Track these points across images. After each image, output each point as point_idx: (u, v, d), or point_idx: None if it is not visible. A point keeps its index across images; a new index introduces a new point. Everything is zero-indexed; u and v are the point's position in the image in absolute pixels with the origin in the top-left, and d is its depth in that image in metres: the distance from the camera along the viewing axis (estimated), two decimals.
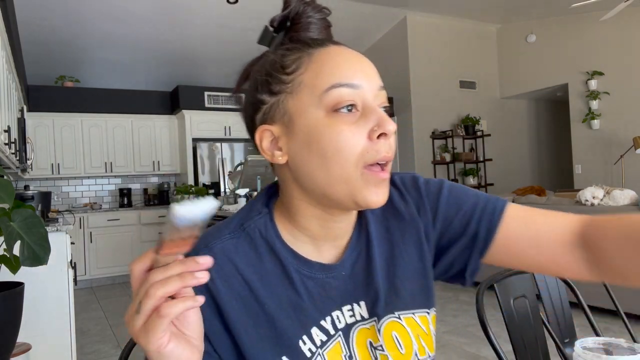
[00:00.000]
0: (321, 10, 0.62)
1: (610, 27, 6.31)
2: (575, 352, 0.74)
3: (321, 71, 0.55)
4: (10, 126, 2.94)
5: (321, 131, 0.54)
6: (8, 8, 2.79)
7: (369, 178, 0.54)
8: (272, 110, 0.57)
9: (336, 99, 0.54)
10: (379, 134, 0.54)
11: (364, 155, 0.54)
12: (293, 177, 0.58)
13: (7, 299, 1.73)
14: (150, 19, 5.86)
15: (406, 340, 0.62)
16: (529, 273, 1.34)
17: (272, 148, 0.58)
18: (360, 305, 0.62)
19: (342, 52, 0.58)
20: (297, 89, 0.56)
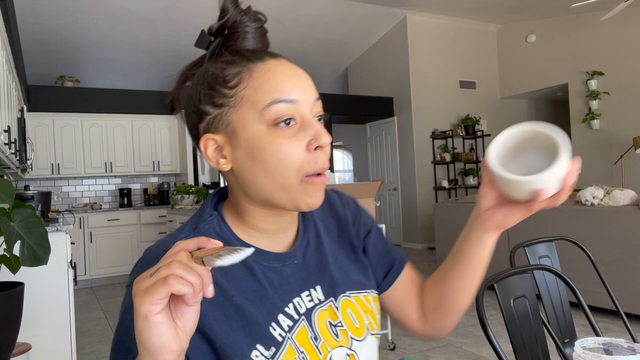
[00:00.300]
0: (257, 19, 0.65)
1: (610, 27, 6.31)
2: (575, 352, 0.74)
3: (261, 87, 0.59)
4: (10, 126, 2.94)
5: (263, 144, 0.59)
6: (8, 8, 2.79)
7: (308, 185, 0.60)
8: (215, 121, 0.61)
9: (276, 114, 0.58)
10: (315, 146, 0.59)
11: (303, 166, 0.59)
12: (238, 182, 0.63)
13: (7, 299, 1.73)
14: (150, 19, 5.86)
15: (358, 316, 0.69)
16: (529, 273, 1.34)
17: (217, 156, 0.63)
18: (317, 290, 0.67)
19: (280, 68, 0.61)
20: (239, 104, 0.60)
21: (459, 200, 4.77)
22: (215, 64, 0.62)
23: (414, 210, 7.13)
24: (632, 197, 3.38)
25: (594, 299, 3.15)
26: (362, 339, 0.68)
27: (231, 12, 0.62)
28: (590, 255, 1.64)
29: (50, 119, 5.76)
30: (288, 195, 0.60)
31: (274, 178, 0.59)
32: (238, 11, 0.63)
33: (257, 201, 0.63)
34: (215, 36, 0.65)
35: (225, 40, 0.64)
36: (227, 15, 0.62)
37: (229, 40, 0.64)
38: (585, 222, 3.51)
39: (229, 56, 0.62)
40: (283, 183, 0.59)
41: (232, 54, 0.62)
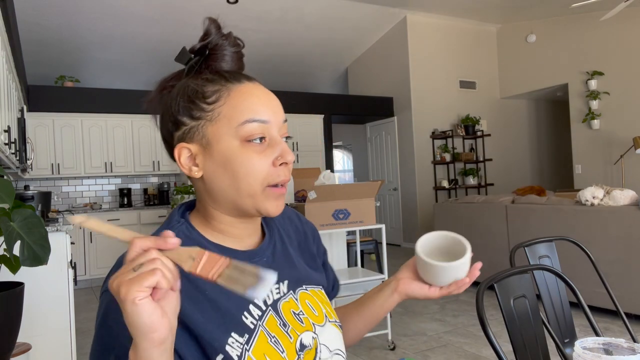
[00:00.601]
0: (237, 44, 0.73)
1: (610, 27, 6.31)
2: (575, 352, 0.74)
3: (237, 106, 0.67)
4: (10, 126, 2.94)
5: (235, 157, 0.67)
6: (8, 8, 2.79)
7: (270, 194, 0.69)
8: (191, 132, 0.69)
9: (249, 131, 0.66)
10: (280, 162, 0.68)
11: (267, 178, 0.68)
12: (206, 189, 0.70)
13: (7, 299, 1.73)
14: (150, 19, 5.86)
15: (316, 306, 0.77)
16: (529, 273, 1.34)
17: (189, 164, 0.70)
18: (284, 284, 0.75)
19: (254, 91, 0.69)
20: (216, 118, 0.67)
21: (459, 200, 4.77)
22: (196, 80, 0.69)
23: (414, 210, 7.13)
24: (632, 197, 3.38)
25: (594, 299, 3.15)
26: (323, 325, 0.76)
27: (213, 35, 0.71)
28: (590, 255, 1.64)
29: (50, 119, 5.76)
30: (252, 202, 0.68)
31: (241, 186, 0.67)
32: (220, 35, 0.71)
33: (224, 207, 0.70)
34: (195, 54, 0.72)
35: (204, 60, 0.71)
36: (209, 37, 0.71)
37: (209, 59, 0.71)
38: (585, 222, 3.51)
39: (209, 75, 0.70)
40: (249, 191, 0.67)
41: (212, 73, 0.70)
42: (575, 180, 6.97)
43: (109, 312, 0.59)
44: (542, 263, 1.64)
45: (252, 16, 6.20)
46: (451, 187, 7.18)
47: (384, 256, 3.28)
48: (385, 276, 3.24)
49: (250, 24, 6.37)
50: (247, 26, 6.41)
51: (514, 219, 4.08)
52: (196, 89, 0.68)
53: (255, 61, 8.04)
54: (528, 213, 3.97)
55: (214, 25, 0.72)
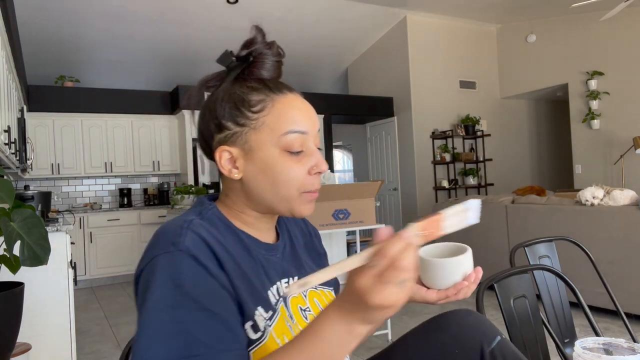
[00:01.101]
0: (278, 54, 0.77)
1: (610, 27, 6.31)
2: (575, 352, 0.74)
3: (280, 117, 0.72)
4: (10, 126, 2.94)
5: (276, 164, 0.72)
6: (8, 8, 2.79)
7: (305, 199, 0.75)
8: (234, 136, 0.73)
9: (290, 142, 0.72)
10: (315, 172, 0.74)
11: (303, 185, 0.74)
12: (243, 190, 0.76)
13: (7, 299, 1.73)
14: (150, 19, 5.86)
15: (324, 305, 0.78)
16: (529, 273, 1.34)
17: (229, 165, 0.75)
18: (294, 279, 0.80)
19: (296, 103, 0.75)
20: (259, 127, 0.72)
21: (458, 200, 4.77)
22: (241, 87, 0.74)
23: (414, 211, 7.12)
24: (632, 197, 3.38)
25: (594, 299, 3.14)
26: None
27: (259, 44, 0.76)
28: (590, 255, 1.64)
29: (50, 119, 5.76)
30: (288, 205, 0.75)
31: (279, 191, 0.73)
32: (264, 44, 0.76)
33: (258, 206, 0.76)
34: (239, 60, 0.77)
35: (247, 65, 0.76)
36: (255, 45, 0.76)
37: (251, 66, 0.76)
38: (585, 222, 3.51)
39: (254, 83, 0.75)
40: (286, 196, 0.74)
41: (256, 81, 0.75)
42: (575, 180, 6.97)
43: (181, 272, 0.62)
44: (542, 263, 1.64)
45: (252, 16, 6.19)
46: (451, 187, 7.18)
47: None
48: None
49: (250, 24, 6.37)
50: (247, 26, 6.39)
51: (514, 219, 4.08)
52: (242, 97, 0.73)
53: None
54: (528, 213, 3.97)
55: (260, 34, 0.76)
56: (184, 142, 6.22)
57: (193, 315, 0.60)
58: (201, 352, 0.58)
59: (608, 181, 6.44)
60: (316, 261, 0.90)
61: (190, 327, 0.59)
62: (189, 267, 0.63)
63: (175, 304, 0.60)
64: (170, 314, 0.60)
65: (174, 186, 6.41)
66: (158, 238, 0.67)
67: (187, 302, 0.61)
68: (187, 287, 0.62)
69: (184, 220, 0.69)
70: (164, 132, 6.42)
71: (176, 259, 0.63)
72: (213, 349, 0.59)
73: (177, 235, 0.66)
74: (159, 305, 0.61)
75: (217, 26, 6.27)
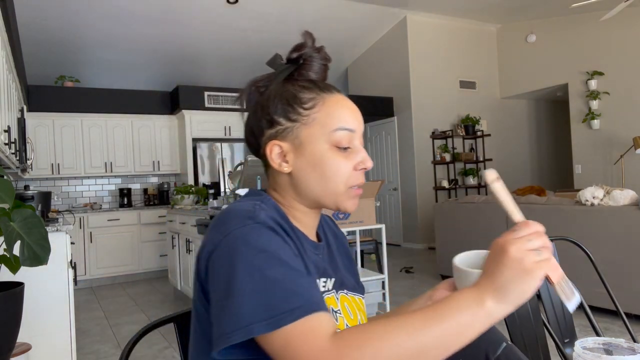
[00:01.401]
0: (326, 58, 0.83)
1: (610, 27, 6.31)
2: (575, 352, 0.74)
3: (331, 114, 0.77)
4: (10, 126, 2.94)
5: (325, 159, 0.76)
6: (8, 8, 2.79)
7: (351, 194, 0.79)
8: (285, 131, 0.77)
9: (339, 138, 0.76)
10: (361, 167, 0.78)
11: (349, 180, 0.78)
12: (291, 183, 0.79)
13: (7, 299, 1.73)
14: (150, 19, 5.86)
15: (353, 311, 0.83)
16: None
17: (279, 159, 0.78)
18: (330, 280, 0.82)
19: (345, 102, 0.79)
20: (310, 123, 0.77)
21: (459, 200, 4.77)
22: (293, 86, 0.79)
23: (414, 210, 7.12)
24: (632, 197, 3.38)
25: (594, 299, 3.14)
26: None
27: (309, 48, 0.81)
28: (590, 255, 1.64)
29: (50, 119, 5.76)
30: (335, 199, 0.78)
31: (328, 185, 0.77)
32: (314, 48, 0.81)
33: (305, 199, 0.80)
34: (289, 62, 0.82)
35: (296, 68, 0.81)
36: (305, 49, 0.81)
37: (300, 68, 0.81)
38: (585, 222, 3.51)
39: (305, 83, 0.79)
40: (334, 190, 0.77)
41: (307, 81, 0.80)
42: (575, 180, 6.97)
43: (264, 239, 0.67)
44: None
45: (252, 16, 6.20)
46: (451, 187, 7.18)
47: (384, 256, 3.28)
48: (385, 276, 3.24)
49: (250, 24, 6.37)
50: (247, 26, 6.41)
51: None
52: (294, 94, 0.78)
53: (255, 61, 8.03)
54: (528, 213, 3.94)
55: (310, 39, 0.81)
56: (184, 142, 6.22)
57: (284, 273, 0.63)
58: (300, 303, 0.61)
59: (608, 181, 6.44)
60: (349, 267, 0.93)
61: (284, 283, 0.62)
62: (269, 236, 0.67)
63: (263, 265, 0.63)
64: (261, 275, 0.62)
65: (174, 186, 6.41)
66: (229, 217, 0.70)
67: (275, 261, 0.64)
68: (272, 250, 0.65)
69: (252, 203, 0.73)
70: (164, 132, 6.42)
71: (255, 229, 0.67)
72: (309, 301, 0.62)
73: (251, 212, 0.70)
74: (248, 269, 0.63)
75: (217, 26, 6.27)
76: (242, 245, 0.65)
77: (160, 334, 3.40)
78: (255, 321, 0.60)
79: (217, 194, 5.88)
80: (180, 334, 0.96)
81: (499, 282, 0.60)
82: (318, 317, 0.61)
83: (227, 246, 0.66)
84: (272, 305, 0.60)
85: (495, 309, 0.60)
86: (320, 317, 0.61)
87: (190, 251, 4.04)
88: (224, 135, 6.38)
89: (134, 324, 3.85)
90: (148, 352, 3.08)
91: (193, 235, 3.91)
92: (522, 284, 0.59)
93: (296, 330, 0.59)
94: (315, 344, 0.59)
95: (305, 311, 0.60)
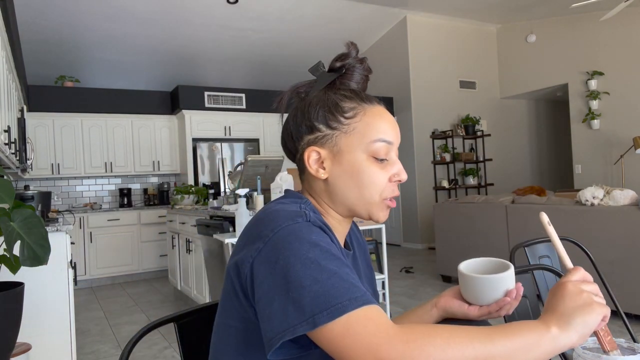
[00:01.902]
0: (367, 69, 0.84)
1: (610, 27, 6.31)
2: (575, 352, 0.74)
3: (370, 125, 0.78)
4: (10, 126, 2.94)
5: (363, 169, 0.77)
6: (8, 8, 2.79)
7: (384, 205, 0.80)
8: (325, 138, 0.78)
9: (377, 149, 0.77)
10: (396, 179, 0.80)
11: (385, 191, 0.79)
12: (327, 190, 0.80)
13: (7, 299, 1.73)
14: (150, 18, 5.86)
15: None
16: (529, 273, 1.34)
17: (317, 165, 0.79)
18: None
19: (385, 115, 0.80)
20: (351, 132, 0.77)
21: (459, 200, 4.77)
22: (335, 94, 0.80)
23: (414, 210, 7.13)
24: (632, 197, 3.38)
25: None
26: None
27: (352, 58, 0.82)
28: (590, 255, 1.64)
29: (50, 119, 5.76)
30: (368, 208, 0.79)
31: (363, 194, 0.78)
32: (357, 59, 0.82)
33: (339, 206, 0.81)
34: (333, 71, 0.83)
35: (339, 77, 0.82)
36: (349, 59, 0.82)
37: (342, 77, 0.82)
38: (585, 222, 3.51)
39: (347, 92, 0.80)
40: (369, 199, 0.78)
41: (349, 91, 0.80)
42: (575, 180, 6.97)
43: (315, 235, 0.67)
44: (542, 263, 1.64)
45: (252, 16, 6.20)
46: (451, 187, 7.18)
47: (384, 256, 3.28)
48: (385, 276, 3.24)
49: (250, 24, 6.37)
50: (247, 26, 6.41)
51: (514, 219, 4.08)
52: (336, 102, 0.78)
53: (255, 61, 8.05)
54: (528, 213, 3.96)
55: (354, 49, 0.82)
56: (184, 142, 6.22)
57: (338, 266, 0.64)
58: (359, 294, 0.62)
59: (608, 181, 6.44)
60: (367, 273, 0.93)
61: (341, 275, 0.63)
62: (319, 233, 0.68)
63: (318, 257, 0.64)
64: (317, 267, 0.63)
65: (174, 186, 6.41)
66: (277, 216, 0.70)
67: (329, 255, 0.65)
68: (324, 245, 0.66)
69: (298, 205, 0.74)
70: (164, 132, 6.42)
71: (306, 226, 0.68)
72: (365, 294, 0.62)
73: (299, 212, 0.71)
74: (304, 262, 0.63)
75: (217, 26, 6.27)
76: (295, 240, 0.65)
77: (160, 334, 3.40)
78: (317, 312, 0.60)
79: (217, 194, 5.87)
80: (180, 334, 0.96)
81: (560, 310, 0.65)
82: (376, 308, 0.62)
83: (278, 241, 0.66)
84: (332, 295, 0.60)
85: (560, 335, 0.63)
86: (378, 309, 0.62)
87: (190, 251, 4.04)
88: (224, 135, 6.38)
89: (134, 324, 3.85)
90: (148, 352, 3.08)
91: (193, 235, 3.91)
92: (584, 314, 0.64)
93: (358, 316, 0.60)
94: (378, 329, 0.59)
95: (364, 302, 0.61)
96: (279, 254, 0.65)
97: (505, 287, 0.76)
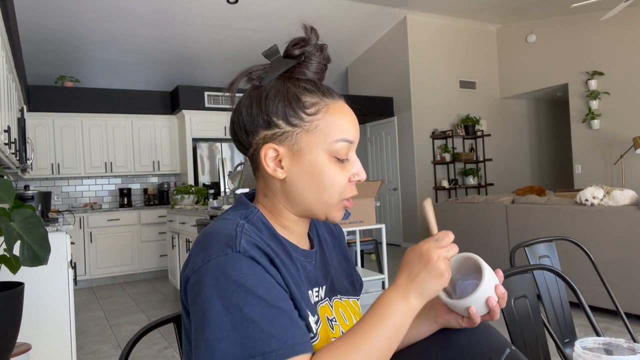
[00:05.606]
0: (326, 58, 0.78)
1: (610, 27, 6.31)
2: (575, 352, 0.74)
3: (333, 123, 0.74)
4: (10, 126, 2.94)
5: (324, 170, 0.73)
6: (8, 8, 2.79)
7: (341, 206, 0.77)
8: (284, 135, 0.73)
9: (339, 150, 0.74)
10: (356, 179, 0.77)
11: (344, 192, 0.76)
12: (283, 189, 0.76)
13: (7, 299, 1.73)
14: (150, 19, 5.86)
15: (348, 316, 0.82)
16: (529, 273, 1.34)
17: (275, 164, 0.74)
18: (322, 289, 0.81)
19: (346, 110, 0.77)
20: (312, 130, 0.73)
21: (459, 200, 4.77)
22: (295, 87, 0.74)
23: (414, 210, 7.12)
24: (632, 197, 3.38)
25: (594, 299, 3.14)
26: None
27: (311, 45, 0.75)
28: (590, 255, 1.64)
29: (50, 119, 5.76)
30: (326, 209, 0.76)
31: (322, 195, 0.75)
32: (317, 47, 0.76)
33: (296, 207, 0.77)
34: (288, 57, 0.76)
35: (296, 63, 0.76)
36: (308, 45, 0.75)
37: (300, 65, 0.76)
38: (585, 222, 3.51)
39: (308, 84, 0.75)
40: (328, 201, 0.75)
41: (309, 83, 0.75)
42: (575, 180, 6.97)
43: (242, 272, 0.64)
44: (542, 263, 1.64)
45: (252, 16, 6.20)
46: (451, 187, 7.18)
47: (384, 256, 3.28)
48: (386, 276, 3.24)
49: (250, 24, 6.37)
50: (247, 26, 6.41)
51: (514, 219, 4.08)
52: (297, 96, 0.73)
53: (255, 61, 8.02)
54: (528, 213, 3.96)
55: (315, 36, 0.76)
56: (184, 142, 6.22)
57: (261, 312, 0.61)
58: (276, 347, 0.60)
59: (608, 181, 6.44)
60: (344, 267, 0.91)
61: (261, 324, 0.61)
62: (249, 267, 0.64)
63: (240, 302, 0.61)
64: (238, 313, 0.61)
65: (174, 186, 6.41)
66: (211, 240, 0.67)
67: (253, 299, 0.62)
68: (250, 285, 0.63)
69: (236, 224, 0.70)
70: (164, 132, 6.42)
71: (235, 260, 0.64)
72: (286, 344, 0.60)
73: (231, 238, 0.66)
74: (225, 304, 0.61)
75: (217, 26, 6.27)
76: (221, 277, 0.63)
77: (160, 334, 3.40)
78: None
79: (217, 194, 5.88)
80: (180, 334, 0.96)
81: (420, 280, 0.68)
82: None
83: (205, 275, 0.64)
84: (247, 346, 0.59)
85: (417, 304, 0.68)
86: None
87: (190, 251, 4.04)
88: (224, 135, 6.38)
89: (134, 324, 3.85)
90: (148, 352, 3.08)
91: (193, 235, 3.91)
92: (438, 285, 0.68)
93: None
94: None
95: (279, 356, 0.59)
96: (202, 288, 0.63)
97: (484, 298, 0.74)
